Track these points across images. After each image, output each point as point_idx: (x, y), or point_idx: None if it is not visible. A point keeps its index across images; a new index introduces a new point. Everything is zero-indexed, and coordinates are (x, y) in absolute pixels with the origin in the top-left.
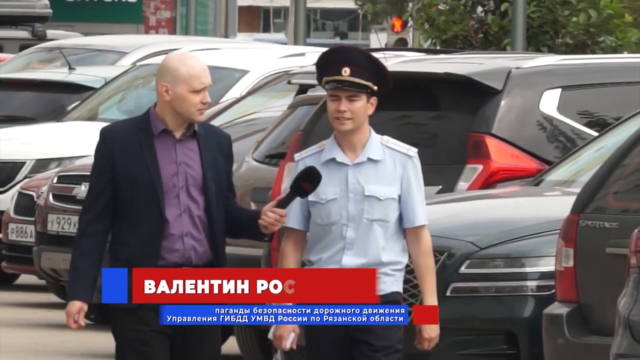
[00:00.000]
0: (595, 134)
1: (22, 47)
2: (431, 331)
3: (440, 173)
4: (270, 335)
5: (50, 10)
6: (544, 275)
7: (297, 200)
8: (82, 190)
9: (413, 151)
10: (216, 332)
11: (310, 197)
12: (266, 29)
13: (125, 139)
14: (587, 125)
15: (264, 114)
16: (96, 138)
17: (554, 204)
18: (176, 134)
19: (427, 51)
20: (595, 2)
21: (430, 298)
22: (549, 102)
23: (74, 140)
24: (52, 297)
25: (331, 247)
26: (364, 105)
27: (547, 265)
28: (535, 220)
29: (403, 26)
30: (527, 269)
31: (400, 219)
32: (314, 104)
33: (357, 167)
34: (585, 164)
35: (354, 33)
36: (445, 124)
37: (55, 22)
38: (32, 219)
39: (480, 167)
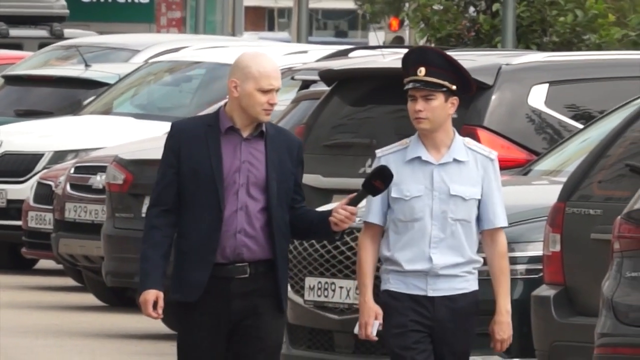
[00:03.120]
0: (581, 126)
1: (41, 45)
2: (503, 333)
3: None
4: (356, 330)
5: (68, 11)
6: (532, 260)
7: (379, 196)
8: (97, 180)
9: (494, 154)
10: (278, 326)
11: (393, 194)
12: (271, 28)
13: (193, 134)
14: (573, 118)
15: None
16: (110, 131)
17: (541, 193)
18: (243, 133)
19: None
20: (582, 3)
21: (504, 301)
22: (537, 97)
23: (90, 133)
24: (70, 281)
25: (415, 245)
26: (442, 105)
27: (536, 250)
28: (524, 208)
29: (400, 25)
30: (517, 254)
31: (478, 220)
32: (316, 98)
33: (442, 167)
34: (571, 155)
35: (354, 32)
36: None
37: (72, 21)
38: (51, 207)
39: None
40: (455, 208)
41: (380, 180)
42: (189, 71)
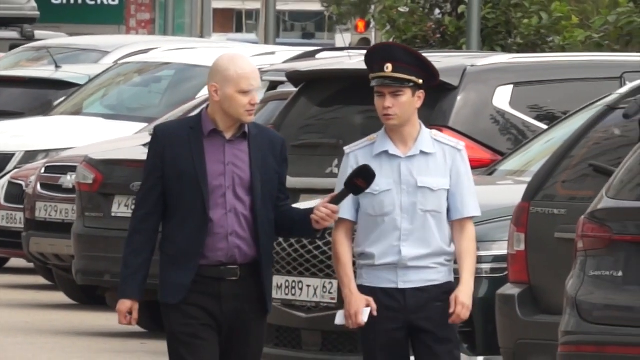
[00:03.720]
0: (545, 127)
1: (12, 47)
2: (467, 298)
3: None
4: (338, 320)
5: (38, 12)
6: (497, 259)
7: None
8: (67, 179)
9: (461, 145)
10: (263, 327)
11: None
12: (239, 30)
13: (176, 137)
14: (537, 119)
15: None
16: (80, 131)
17: (506, 192)
18: (226, 135)
19: None
20: (546, 5)
21: (467, 275)
22: (502, 97)
23: (60, 133)
24: (40, 279)
25: (386, 238)
26: (409, 100)
27: (500, 249)
28: (489, 207)
29: (366, 27)
30: (482, 253)
31: (448, 211)
32: (284, 99)
33: (409, 160)
34: (535, 155)
35: (321, 33)
36: None
37: (42, 23)
38: (21, 206)
39: None
40: (424, 200)
41: (362, 178)
42: (158, 72)
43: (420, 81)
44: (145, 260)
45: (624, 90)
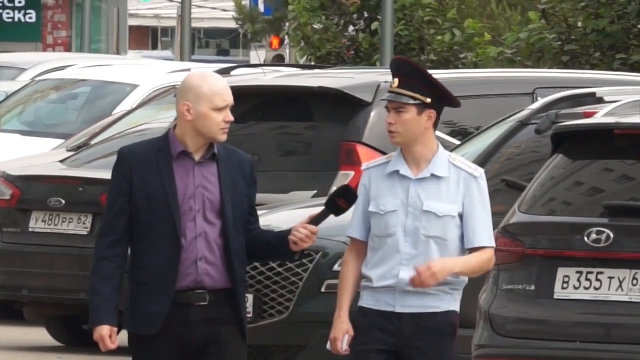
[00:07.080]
0: (458, 142)
1: None
2: (439, 267)
3: (316, 179)
4: (328, 346)
5: None
6: None
7: (361, 211)
8: None
9: (479, 172)
10: (242, 352)
11: (371, 208)
12: (154, 47)
13: (143, 159)
14: (450, 134)
15: (153, 125)
16: None
17: None
18: (195, 157)
19: (303, 67)
20: (459, 22)
21: (460, 259)
22: None
23: None
24: None
25: (388, 261)
26: (414, 118)
27: None
28: None
29: (280, 44)
30: None
31: (463, 239)
32: None
33: (419, 182)
34: None
35: (236, 50)
36: (319, 133)
37: None
38: None
39: (352, 173)
40: (428, 225)
41: (344, 199)
42: (74, 89)
43: (428, 100)
44: (115, 287)
45: (536, 106)
